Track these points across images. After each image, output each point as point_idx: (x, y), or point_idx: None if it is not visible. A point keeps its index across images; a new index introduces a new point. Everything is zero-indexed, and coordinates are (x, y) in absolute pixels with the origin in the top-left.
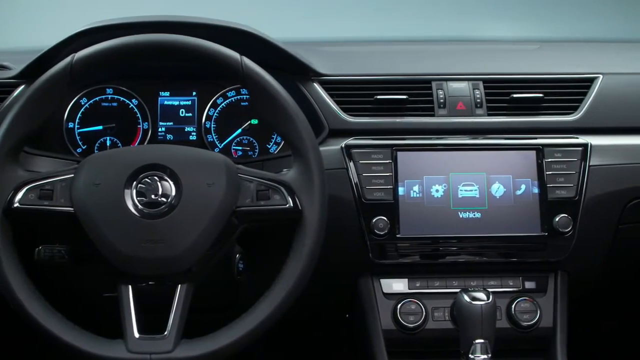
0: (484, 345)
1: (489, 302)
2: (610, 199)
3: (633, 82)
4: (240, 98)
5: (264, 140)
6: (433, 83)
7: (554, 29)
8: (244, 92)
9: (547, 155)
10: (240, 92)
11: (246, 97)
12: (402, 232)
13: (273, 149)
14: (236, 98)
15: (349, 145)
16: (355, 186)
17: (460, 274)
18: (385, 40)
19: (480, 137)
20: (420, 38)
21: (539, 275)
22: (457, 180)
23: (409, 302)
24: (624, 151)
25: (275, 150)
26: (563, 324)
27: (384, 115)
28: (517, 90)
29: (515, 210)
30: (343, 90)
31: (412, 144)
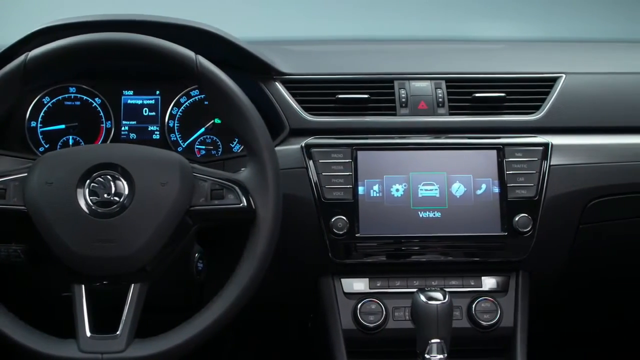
0: (439, 345)
1: (445, 301)
2: (571, 199)
3: (595, 82)
4: (204, 97)
5: (228, 139)
6: (395, 82)
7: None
8: None
9: (507, 154)
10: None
11: None
12: (361, 232)
13: (237, 148)
14: (200, 97)
15: (308, 144)
16: (314, 185)
17: (422, 274)
18: (351, 40)
19: (441, 137)
20: (384, 37)
21: (500, 275)
22: (418, 179)
23: (369, 302)
24: (585, 151)
25: (239, 150)
26: (524, 324)
27: (345, 115)
28: (480, 89)
29: (475, 209)
30: (305, 89)
31: (372, 143)
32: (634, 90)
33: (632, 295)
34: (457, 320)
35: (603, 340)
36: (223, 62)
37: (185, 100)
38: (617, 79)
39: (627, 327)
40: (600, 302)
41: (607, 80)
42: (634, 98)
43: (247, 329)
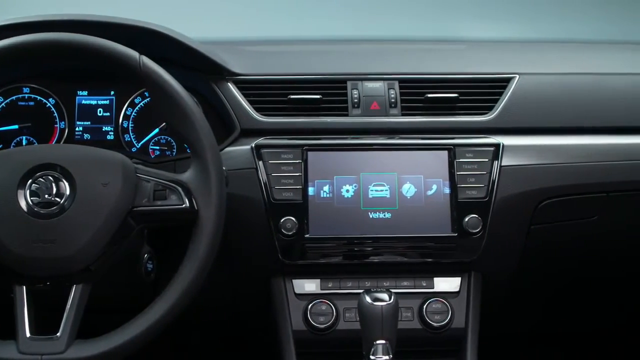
0: (384, 346)
1: (390, 302)
2: (522, 200)
3: (548, 83)
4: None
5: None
6: (348, 83)
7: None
8: None
9: (458, 155)
10: None
11: None
12: (311, 233)
13: None
14: None
15: (258, 145)
16: (264, 186)
17: (374, 275)
18: (307, 40)
19: (393, 137)
20: (339, 38)
21: (452, 276)
22: (368, 180)
23: (320, 303)
24: (537, 151)
25: None
26: (475, 325)
27: (297, 115)
28: (433, 90)
29: (425, 210)
30: (257, 89)
31: (322, 144)
32: (587, 91)
33: (585, 296)
34: (408, 321)
35: (558, 341)
36: (176, 63)
37: (139, 100)
38: (570, 79)
39: (582, 327)
40: (554, 303)
41: (560, 80)
42: (587, 99)
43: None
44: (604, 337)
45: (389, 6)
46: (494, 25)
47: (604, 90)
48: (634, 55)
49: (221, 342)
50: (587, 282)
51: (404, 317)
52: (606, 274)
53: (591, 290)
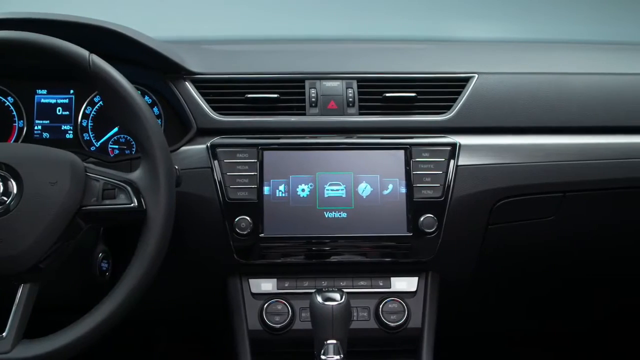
0: (335, 346)
1: (342, 302)
2: (478, 199)
3: (507, 82)
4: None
5: None
6: (307, 82)
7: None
8: None
9: (414, 154)
10: None
11: None
12: (265, 232)
13: None
14: None
15: (214, 144)
16: (219, 185)
17: (331, 274)
18: (268, 40)
19: (349, 137)
20: (299, 37)
21: (409, 276)
22: (324, 179)
23: (276, 303)
24: (493, 151)
25: None
26: (431, 325)
27: (254, 114)
28: (391, 89)
29: (381, 210)
30: (215, 89)
31: (278, 143)
32: (545, 91)
33: (543, 296)
34: (364, 321)
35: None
36: (134, 62)
37: (99, 99)
38: (529, 79)
39: (541, 327)
40: (513, 303)
41: (519, 80)
42: (545, 98)
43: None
44: (562, 337)
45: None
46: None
47: (562, 90)
48: (592, 54)
49: (185, 340)
50: (545, 282)
51: (360, 317)
52: (564, 274)
53: (550, 290)
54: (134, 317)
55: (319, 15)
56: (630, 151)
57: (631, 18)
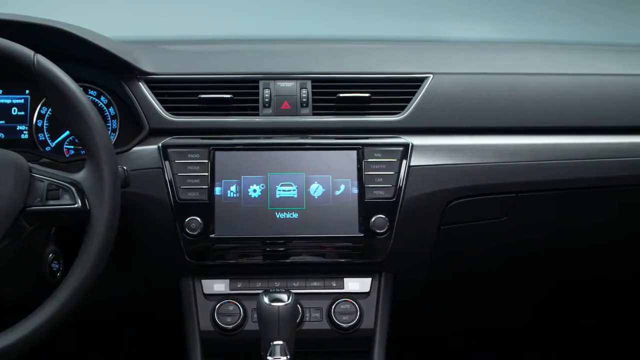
0: (282, 347)
1: (289, 303)
2: (430, 200)
3: (461, 82)
4: None
5: None
6: (261, 82)
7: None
8: None
9: (366, 155)
10: None
11: None
12: (216, 233)
13: None
14: None
15: (165, 144)
16: (170, 186)
17: (284, 275)
18: (226, 40)
19: (301, 137)
20: (255, 37)
21: (362, 277)
22: (276, 180)
23: (228, 303)
24: (446, 151)
25: None
26: (383, 325)
27: (207, 115)
28: (345, 89)
29: (333, 210)
30: (168, 89)
31: (229, 144)
32: (500, 91)
33: (498, 296)
34: (317, 321)
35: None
36: (87, 62)
37: None
38: (484, 79)
39: (497, 327)
40: (469, 304)
41: (474, 80)
42: (499, 99)
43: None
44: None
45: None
46: (413, 25)
47: (517, 90)
48: (549, 55)
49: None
50: (500, 283)
51: (313, 317)
52: (519, 275)
53: (504, 291)
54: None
55: (277, 15)
56: (584, 152)
57: (590, 18)
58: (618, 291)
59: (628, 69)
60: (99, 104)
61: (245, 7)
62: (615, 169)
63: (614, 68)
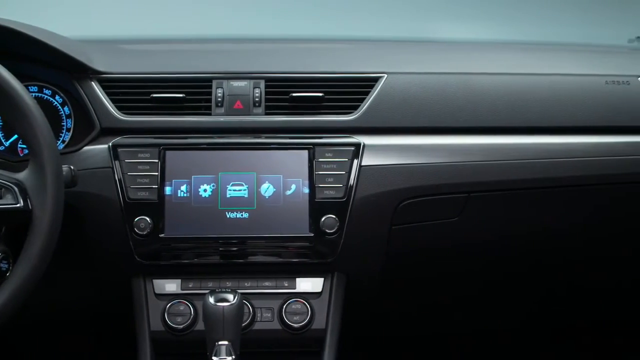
0: (227, 347)
1: (234, 303)
2: (381, 200)
3: (415, 82)
4: None
5: None
6: (214, 82)
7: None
8: (32, 89)
9: (317, 154)
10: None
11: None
12: (166, 232)
13: (60, 146)
14: None
15: (115, 144)
16: (119, 185)
17: (236, 275)
18: (181, 39)
19: (252, 137)
20: (211, 37)
21: (315, 277)
22: (227, 180)
23: (178, 303)
24: (398, 151)
25: (62, 148)
26: (335, 326)
27: (159, 114)
28: (298, 89)
29: (284, 210)
30: (121, 88)
31: (180, 143)
32: (453, 91)
33: (451, 297)
34: (268, 322)
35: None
36: (41, 61)
37: None
38: (438, 79)
39: (450, 329)
40: (422, 305)
41: (428, 80)
42: (453, 98)
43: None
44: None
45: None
46: (368, 24)
47: (470, 90)
48: (503, 55)
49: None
50: (454, 283)
51: (264, 317)
52: (472, 275)
53: (459, 291)
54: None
55: (233, 15)
56: (535, 152)
57: (548, 18)
58: (572, 291)
59: (582, 69)
60: (54, 103)
61: (208, 6)
62: (566, 169)
63: (568, 68)
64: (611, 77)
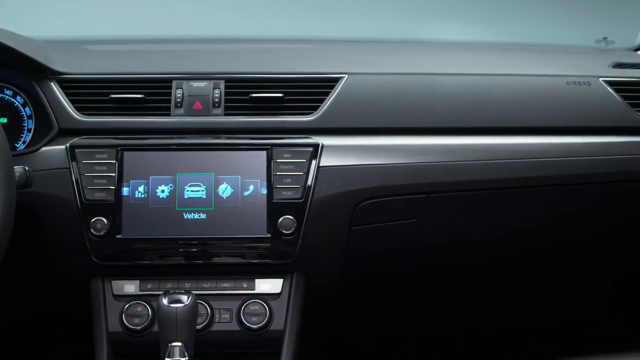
0: (180, 348)
1: (187, 304)
2: (340, 201)
3: (376, 82)
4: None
5: (14, 137)
6: (174, 82)
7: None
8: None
9: (275, 155)
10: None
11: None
12: (123, 233)
13: (21, 147)
14: None
15: (73, 145)
16: (76, 186)
17: (195, 276)
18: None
19: (210, 137)
20: (171, 37)
21: (274, 278)
22: (184, 180)
23: (136, 305)
24: (357, 152)
25: (23, 148)
26: (293, 327)
27: (119, 115)
28: (258, 90)
29: (241, 211)
30: (80, 89)
31: (137, 144)
32: (413, 91)
33: (416, 299)
34: (226, 323)
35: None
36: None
37: None
38: (399, 79)
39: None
40: (383, 305)
41: (389, 80)
42: (414, 99)
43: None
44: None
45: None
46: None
47: (431, 90)
48: (465, 55)
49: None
50: (415, 284)
51: (223, 318)
52: (432, 276)
53: (421, 293)
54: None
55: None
56: (495, 152)
57: (517, 18)
58: (536, 292)
59: (543, 70)
60: (15, 103)
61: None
62: (526, 169)
63: (529, 69)
64: (572, 78)
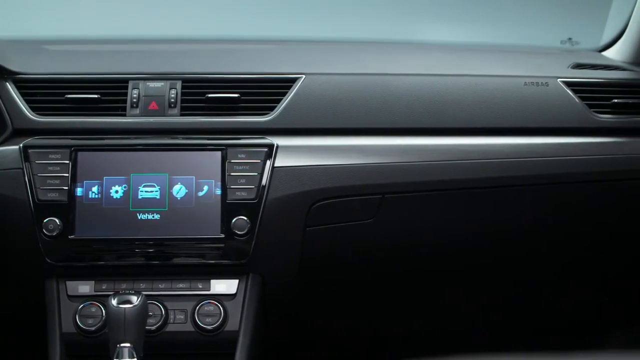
0: (129, 349)
1: (135, 305)
2: (295, 201)
3: (333, 83)
4: None
5: None
6: (130, 82)
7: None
8: None
9: (230, 156)
10: None
11: None
12: (76, 234)
13: None
14: None
15: (26, 145)
16: (29, 186)
17: (150, 277)
18: (102, 40)
19: (165, 137)
20: (128, 38)
21: (229, 279)
22: (138, 181)
23: (90, 305)
24: (312, 152)
25: None
26: (248, 328)
27: (74, 115)
28: (214, 90)
29: (195, 212)
30: (36, 89)
31: (91, 144)
32: (371, 92)
33: (374, 301)
34: (181, 324)
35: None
36: None
37: None
38: (356, 79)
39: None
40: (341, 307)
41: (346, 81)
42: (371, 99)
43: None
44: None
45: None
46: (288, 25)
47: (388, 91)
48: (423, 55)
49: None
50: (374, 286)
51: (177, 319)
52: (389, 278)
53: (379, 294)
54: None
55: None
56: (453, 153)
57: (481, 17)
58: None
59: (502, 70)
60: None
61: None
62: (484, 170)
63: (488, 69)
64: (530, 79)
